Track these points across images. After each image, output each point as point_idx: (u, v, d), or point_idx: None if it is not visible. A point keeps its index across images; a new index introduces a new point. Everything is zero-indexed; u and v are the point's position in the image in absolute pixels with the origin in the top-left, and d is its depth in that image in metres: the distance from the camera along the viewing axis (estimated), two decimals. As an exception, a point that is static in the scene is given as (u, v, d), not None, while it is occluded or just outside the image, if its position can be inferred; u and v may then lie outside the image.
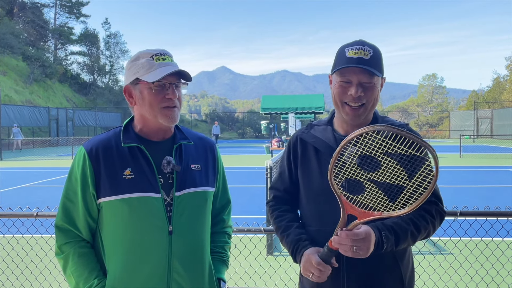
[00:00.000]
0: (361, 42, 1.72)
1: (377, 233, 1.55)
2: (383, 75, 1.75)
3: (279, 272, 4.67)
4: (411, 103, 71.14)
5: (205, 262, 1.74)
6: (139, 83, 1.63)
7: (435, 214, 1.69)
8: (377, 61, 1.70)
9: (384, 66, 1.76)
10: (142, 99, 1.63)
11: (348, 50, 1.70)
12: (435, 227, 1.70)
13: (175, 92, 1.63)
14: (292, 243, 1.77)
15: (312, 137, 1.85)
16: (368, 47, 1.69)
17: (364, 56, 1.67)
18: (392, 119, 1.84)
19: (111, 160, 1.62)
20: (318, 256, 1.61)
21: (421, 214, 1.65)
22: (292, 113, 24.18)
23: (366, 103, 1.70)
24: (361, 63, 1.66)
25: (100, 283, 1.60)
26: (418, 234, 1.64)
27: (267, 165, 5.62)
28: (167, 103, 1.62)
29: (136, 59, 1.65)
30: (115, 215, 1.61)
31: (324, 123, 1.90)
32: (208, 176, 1.77)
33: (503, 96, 51.18)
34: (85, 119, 43.18)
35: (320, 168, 1.78)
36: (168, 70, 1.59)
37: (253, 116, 56.18)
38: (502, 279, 4.32)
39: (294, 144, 1.91)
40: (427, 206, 1.67)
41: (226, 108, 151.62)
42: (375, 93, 1.71)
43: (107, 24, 59.11)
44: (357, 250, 1.51)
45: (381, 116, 1.86)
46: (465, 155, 20.83)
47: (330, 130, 1.84)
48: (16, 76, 41.46)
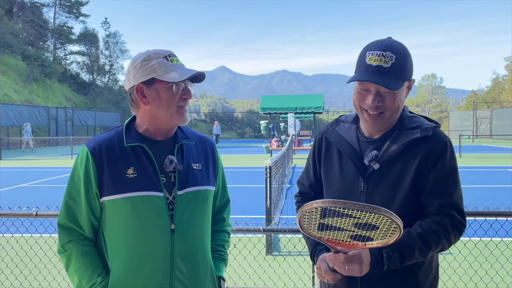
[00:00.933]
0: (384, 45, 1.59)
1: (375, 251, 1.50)
2: (410, 78, 1.64)
3: (278, 272, 4.67)
4: (411, 103, 71.09)
5: (206, 260, 1.75)
6: (155, 83, 1.64)
7: (451, 228, 1.57)
8: (400, 68, 1.58)
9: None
10: (159, 99, 1.65)
11: (368, 55, 1.59)
12: (450, 241, 1.59)
13: (190, 92, 1.69)
14: (311, 246, 1.77)
15: (336, 136, 1.79)
16: (391, 52, 1.57)
17: (384, 64, 1.56)
18: (421, 121, 1.70)
19: (114, 159, 1.64)
20: (326, 265, 1.58)
21: (433, 228, 1.56)
22: (292, 113, 24.22)
23: (386, 111, 1.62)
24: (379, 73, 1.56)
25: (103, 281, 1.62)
26: (428, 250, 1.55)
27: (267, 165, 5.63)
28: (183, 103, 1.67)
29: (147, 59, 1.66)
30: (118, 214, 1.62)
31: (350, 120, 1.83)
32: (209, 175, 1.79)
33: (502, 96, 51.23)
34: (84, 119, 43.15)
35: (341, 169, 1.74)
36: (188, 71, 1.64)
37: (253, 116, 56.17)
38: (501, 279, 4.33)
39: (320, 141, 1.87)
40: (442, 219, 1.57)
41: (225, 108, 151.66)
42: (396, 101, 1.61)
43: (106, 24, 59.07)
44: (349, 270, 1.48)
45: (410, 116, 1.73)
46: (464, 155, 20.85)
47: (355, 129, 1.78)
48: (16, 75, 41.42)
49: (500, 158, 19.87)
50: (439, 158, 1.61)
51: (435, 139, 1.64)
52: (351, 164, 1.71)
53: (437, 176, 1.60)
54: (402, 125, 1.69)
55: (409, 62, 1.62)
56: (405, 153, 1.62)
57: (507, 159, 19.05)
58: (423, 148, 1.62)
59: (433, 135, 1.64)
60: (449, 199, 1.60)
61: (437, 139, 1.64)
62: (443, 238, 1.57)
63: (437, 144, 1.63)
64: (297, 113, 25.90)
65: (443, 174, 1.61)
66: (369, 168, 1.67)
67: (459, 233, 1.60)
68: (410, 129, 1.66)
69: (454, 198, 1.61)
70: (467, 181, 12.34)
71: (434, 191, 1.60)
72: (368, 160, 1.67)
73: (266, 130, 28.94)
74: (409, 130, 1.66)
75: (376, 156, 1.65)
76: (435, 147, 1.62)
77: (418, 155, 1.61)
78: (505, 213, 2.97)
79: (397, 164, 1.63)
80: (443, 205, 1.59)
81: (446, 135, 1.68)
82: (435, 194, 1.60)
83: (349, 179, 1.71)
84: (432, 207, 1.60)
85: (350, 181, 1.71)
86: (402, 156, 1.63)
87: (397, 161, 1.63)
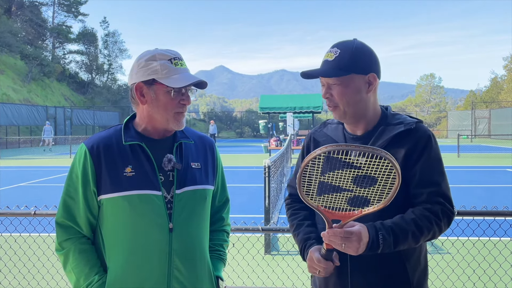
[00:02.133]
0: (337, 43, 1.73)
1: (373, 233, 1.53)
2: (361, 72, 1.68)
3: (277, 271, 4.68)
4: (409, 103, 71.24)
5: (204, 259, 1.75)
6: (155, 84, 1.63)
7: (441, 215, 1.63)
8: (344, 60, 1.66)
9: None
10: (156, 101, 1.64)
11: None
12: (441, 228, 1.64)
13: (189, 99, 1.67)
14: (301, 242, 1.79)
15: (323, 135, 1.86)
16: (338, 47, 1.69)
17: (329, 58, 1.69)
18: (404, 117, 1.78)
19: (112, 158, 1.64)
20: (319, 253, 1.62)
21: (425, 214, 1.61)
22: (290, 112, 24.20)
23: (339, 104, 1.70)
24: (324, 66, 1.69)
25: (101, 279, 1.62)
26: (421, 235, 1.59)
27: (265, 165, 5.63)
28: (181, 109, 1.66)
29: (151, 58, 1.64)
30: (116, 212, 1.62)
31: (336, 121, 1.89)
32: (208, 174, 1.79)
33: (500, 96, 51.30)
34: (83, 118, 43.13)
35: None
36: (190, 78, 1.63)
37: (251, 116, 56.21)
38: (499, 278, 4.34)
39: (308, 143, 1.93)
40: (432, 206, 1.62)
41: (224, 107, 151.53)
42: (345, 92, 1.68)
43: (105, 23, 59.02)
44: (345, 248, 1.50)
45: (393, 113, 1.81)
46: (463, 155, 20.87)
47: (341, 128, 1.84)
48: (14, 74, 41.38)
49: (499, 158, 19.90)
50: (424, 149, 1.67)
51: (418, 132, 1.70)
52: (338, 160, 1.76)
53: (424, 166, 1.66)
54: (386, 121, 1.76)
55: (357, 56, 1.68)
56: (391, 146, 1.68)
57: (505, 159, 19.08)
58: (407, 141, 1.68)
59: (416, 128, 1.71)
60: (437, 188, 1.66)
61: (421, 131, 1.71)
62: (435, 225, 1.62)
63: (421, 136, 1.69)
64: (296, 113, 25.89)
65: (429, 165, 1.67)
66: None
67: (448, 220, 1.66)
68: (394, 125, 1.73)
69: (442, 187, 1.67)
70: (465, 180, 12.35)
71: (422, 181, 1.65)
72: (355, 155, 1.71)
73: (265, 130, 28.94)
74: (393, 126, 1.73)
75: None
76: (419, 139, 1.69)
77: (403, 147, 1.68)
78: (504, 212, 2.97)
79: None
80: (432, 194, 1.64)
81: (429, 129, 1.75)
82: (424, 184, 1.64)
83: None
84: (422, 197, 1.65)
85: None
86: (388, 150, 1.66)
87: None
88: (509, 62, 52.15)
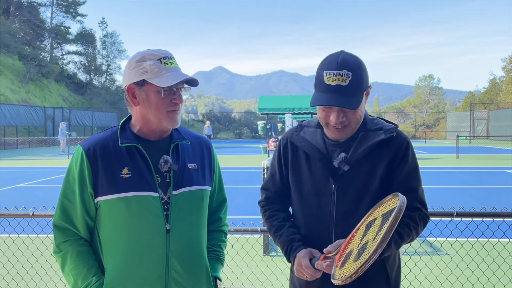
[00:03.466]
0: (339, 63, 1.63)
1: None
2: (366, 88, 1.70)
3: (276, 273, 4.67)
4: (408, 104, 71.32)
5: (202, 260, 1.75)
6: (145, 85, 1.63)
7: (418, 220, 1.71)
8: (358, 84, 1.64)
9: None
10: (148, 101, 1.64)
11: (326, 75, 1.64)
12: (418, 233, 1.73)
13: (181, 97, 1.66)
14: (285, 243, 1.80)
15: (302, 140, 1.84)
16: (347, 70, 1.62)
17: (342, 83, 1.61)
18: (381, 122, 1.81)
19: (108, 159, 1.63)
20: (308, 261, 1.66)
21: (404, 221, 1.66)
22: (289, 113, 24.20)
23: (349, 124, 1.70)
24: (338, 93, 1.61)
25: (98, 281, 1.61)
26: (402, 242, 1.68)
27: (264, 166, 5.63)
28: (173, 108, 1.65)
29: (141, 59, 1.64)
30: (113, 214, 1.62)
31: (314, 125, 1.88)
32: (205, 175, 1.79)
33: (499, 97, 51.38)
34: (81, 119, 43.08)
35: (310, 172, 1.80)
36: (179, 76, 1.61)
37: (250, 117, 56.22)
38: (498, 279, 4.34)
39: (285, 146, 1.90)
40: (410, 212, 1.68)
41: (223, 108, 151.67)
42: (358, 113, 1.70)
43: (103, 24, 59.03)
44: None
45: (371, 118, 1.83)
46: (462, 156, 20.91)
47: (320, 133, 1.83)
48: (12, 75, 41.33)
49: (497, 159, 19.92)
50: (404, 157, 1.74)
51: (398, 140, 1.76)
52: (320, 166, 1.78)
53: (403, 173, 1.73)
54: (365, 127, 1.78)
55: (364, 74, 1.68)
56: (373, 154, 1.72)
57: (504, 160, 19.10)
58: (389, 149, 1.74)
59: (396, 136, 1.76)
60: (415, 194, 1.73)
61: (401, 139, 1.76)
62: (413, 230, 1.69)
63: (400, 144, 1.75)
64: (294, 114, 25.86)
65: (407, 172, 1.74)
66: (339, 169, 1.74)
67: (424, 225, 1.74)
68: (374, 131, 1.76)
69: (419, 192, 1.75)
70: (464, 182, 12.37)
71: (400, 188, 1.69)
72: (338, 162, 1.74)
73: (263, 131, 28.98)
74: (374, 132, 1.76)
75: (345, 158, 1.73)
76: (399, 147, 1.74)
77: (385, 155, 1.73)
78: (502, 213, 2.97)
79: (365, 164, 1.73)
80: (410, 200, 1.67)
81: (406, 135, 1.80)
82: (402, 190, 1.65)
83: (319, 180, 1.78)
84: None
85: (320, 183, 1.78)
86: (370, 157, 1.73)
87: (365, 162, 1.73)
88: (508, 63, 52.24)
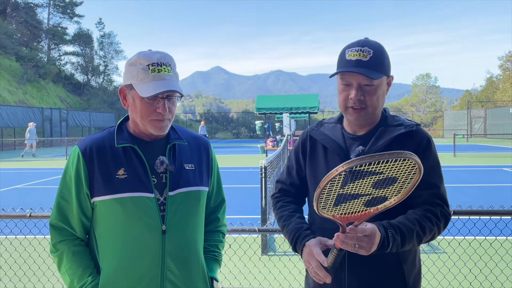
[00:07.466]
0: (362, 42, 1.67)
1: (382, 231, 1.50)
2: (388, 74, 1.71)
3: (274, 272, 4.67)
4: (405, 102, 71.33)
5: (198, 261, 1.75)
6: (133, 89, 1.62)
7: (440, 216, 1.64)
8: (378, 62, 1.65)
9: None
10: (134, 106, 1.64)
11: (348, 52, 1.67)
12: (440, 230, 1.65)
13: (165, 107, 1.60)
14: (292, 231, 1.75)
15: (321, 134, 1.84)
16: (368, 47, 1.65)
17: (363, 58, 1.63)
18: (402, 119, 1.79)
19: (104, 160, 1.63)
20: (319, 249, 1.58)
21: (427, 215, 1.61)
22: (287, 113, 24.17)
23: (367, 106, 1.67)
24: (359, 66, 1.63)
25: (94, 280, 1.62)
26: (424, 235, 1.60)
27: (262, 165, 5.62)
28: (156, 117, 1.61)
29: (133, 63, 1.63)
30: (109, 215, 1.62)
31: (334, 121, 1.89)
32: (202, 176, 1.78)
33: (496, 96, 51.46)
34: (79, 120, 42.95)
35: (327, 165, 1.77)
36: (159, 87, 1.56)
37: (248, 116, 56.14)
38: (495, 277, 4.35)
39: (304, 140, 1.91)
40: (432, 208, 1.64)
41: (220, 108, 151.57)
42: (377, 95, 1.68)
43: (101, 24, 58.88)
44: (359, 248, 1.45)
45: (392, 115, 1.81)
46: (459, 154, 20.93)
47: (340, 128, 1.83)
48: (10, 76, 41.20)
49: (495, 157, 19.96)
50: (425, 152, 1.68)
51: (419, 135, 1.72)
52: (337, 159, 1.74)
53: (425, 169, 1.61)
54: (386, 122, 1.76)
55: (386, 58, 1.70)
56: (391, 147, 1.67)
57: (501, 158, 19.15)
58: (409, 143, 1.68)
59: (417, 130, 1.72)
60: (436, 190, 1.67)
61: (421, 134, 1.72)
62: (435, 226, 1.63)
63: (421, 138, 1.71)
64: (292, 113, 25.83)
65: (429, 167, 1.66)
66: None
67: (446, 222, 1.67)
68: (394, 126, 1.73)
69: (441, 189, 1.69)
70: (461, 180, 12.39)
71: (422, 183, 1.60)
72: (355, 154, 1.70)
73: (261, 130, 28.90)
74: (394, 127, 1.73)
75: (363, 151, 1.70)
76: (420, 142, 1.70)
77: (404, 149, 1.62)
78: (499, 211, 2.97)
79: None
80: (431, 196, 1.65)
81: (427, 132, 1.76)
82: (424, 186, 1.62)
83: None
84: (421, 198, 1.66)
85: None
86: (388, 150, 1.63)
87: None
88: (504, 61, 52.34)
